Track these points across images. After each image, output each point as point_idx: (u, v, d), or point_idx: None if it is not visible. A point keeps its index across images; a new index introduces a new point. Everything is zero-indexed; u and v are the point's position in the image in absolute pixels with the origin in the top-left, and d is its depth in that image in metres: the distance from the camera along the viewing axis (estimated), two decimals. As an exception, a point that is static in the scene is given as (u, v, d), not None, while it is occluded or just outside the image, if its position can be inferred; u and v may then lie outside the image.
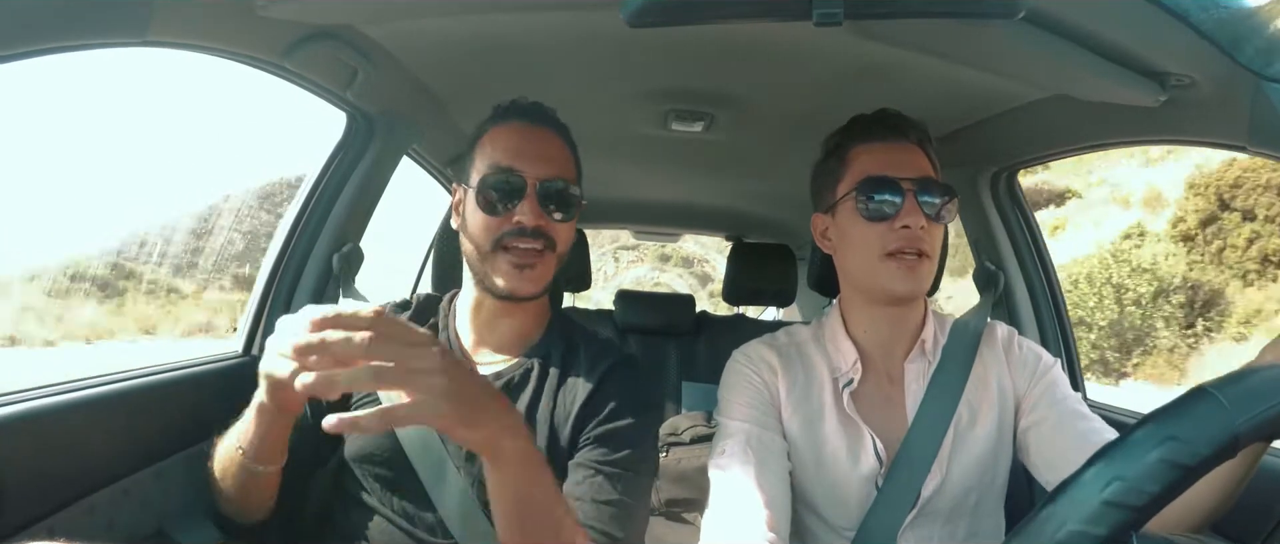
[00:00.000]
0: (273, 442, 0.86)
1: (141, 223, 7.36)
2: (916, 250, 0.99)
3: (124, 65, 1.80)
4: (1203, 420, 0.46)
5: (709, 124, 1.69)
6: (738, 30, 1.17)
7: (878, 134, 1.04)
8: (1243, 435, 0.45)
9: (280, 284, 1.46)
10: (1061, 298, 1.69)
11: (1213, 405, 0.47)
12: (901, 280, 0.99)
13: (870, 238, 1.01)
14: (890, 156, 1.02)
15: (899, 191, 0.99)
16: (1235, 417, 0.46)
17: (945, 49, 1.08)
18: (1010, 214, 1.68)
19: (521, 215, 0.99)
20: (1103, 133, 1.32)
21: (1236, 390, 0.47)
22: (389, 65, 1.33)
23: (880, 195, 1.00)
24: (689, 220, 3.52)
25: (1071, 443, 0.97)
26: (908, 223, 0.98)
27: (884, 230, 1.00)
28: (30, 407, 0.92)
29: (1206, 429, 0.46)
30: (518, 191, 1.00)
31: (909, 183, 0.99)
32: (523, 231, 0.99)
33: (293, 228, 1.48)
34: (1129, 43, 0.95)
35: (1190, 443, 0.45)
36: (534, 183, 1.00)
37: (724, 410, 1.06)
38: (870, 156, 1.03)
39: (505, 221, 1.00)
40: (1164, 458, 0.45)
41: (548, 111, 1.09)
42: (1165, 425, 0.47)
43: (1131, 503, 0.45)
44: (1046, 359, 1.08)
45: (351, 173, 1.50)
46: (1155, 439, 0.46)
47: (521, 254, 1.00)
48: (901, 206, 0.99)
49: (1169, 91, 1.01)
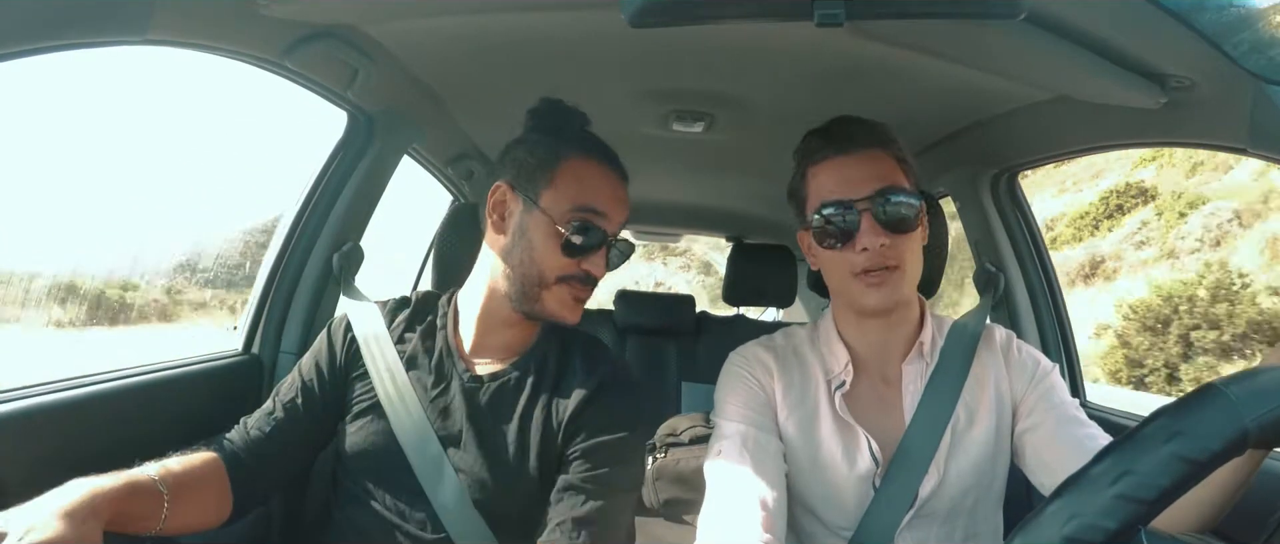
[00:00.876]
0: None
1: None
2: (882, 266, 0.98)
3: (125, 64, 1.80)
4: (1213, 417, 0.47)
5: (710, 124, 1.69)
6: (739, 31, 1.17)
7: (830, 149, 1.01)
8: (1252, 433, 0.46)
9: (281, 283, 1.46)
10: (1062, 300, 1.69)
11: (1223, 403, 0.47)
12: (872, 297, 0.99)
13: (838, 261, 1.00)
14: (843, 173, 0.99)
15: (853, 213, 0.97)
16: (1245, 414, 0.46)
17: (946, 50, 1.08)
18: (1011, 215, 1.68)
19: (592, 267, 1.02)
20: (1103, 134, 1.32)
21: (1246, 388, 0.47)
22: (390, 64, 1.33)
23: (836, 220, 0.98)
24: (689, 221, 3.52)
25: (1067, 448, 0.96)
26: (866, 245, 0.97)
27: (847, 253, 0.99)
28: (29, 404, 0.92)
29: (1216, 425, 0.46)
30: (598, 243, 1.02)
31: (864, 202, 0.97)
32: (590, 280, 1.02)
33: (293, 227, 1.48)
34: (1130, 44, 0.95)
35: (1201, 438, 0.46)
36: (611, 239, 1.03)
37: (720, 411, 1.06)
38: (824, 176, 1.01)
39: (575, 265, 1.01)
40: (1175, 452, 0.45)
41: (613, 155, 1.09)
42: (1176, 420, 0.47)
43: (1142, 497, 0.45)
44: (1045, 364, 1.08)
45: (352, 172, 1.50)
46: (1166, 434, 0.46)
47: (583, 292, 1.03)
48: (858, 228, 0.97)
49: (1170, 93, 1.01)
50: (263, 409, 1.07)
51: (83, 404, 0.99)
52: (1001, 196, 1.68)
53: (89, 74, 1.59)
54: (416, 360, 1.06)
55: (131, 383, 1.10)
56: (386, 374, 1.04)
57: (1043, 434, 1.01)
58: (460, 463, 0.99)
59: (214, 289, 8.02)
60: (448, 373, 1.05)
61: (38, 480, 0.75)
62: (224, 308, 7.78)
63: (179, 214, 10.08)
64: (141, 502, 0.82)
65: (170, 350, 1.27)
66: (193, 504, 0.90)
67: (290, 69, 1.18)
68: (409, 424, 1.01)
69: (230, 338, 1.48)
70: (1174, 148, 1.41)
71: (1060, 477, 1.01)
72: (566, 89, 1.48)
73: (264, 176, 8.22)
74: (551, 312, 1.02)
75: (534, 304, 1.02)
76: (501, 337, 1.07)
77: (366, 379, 1.05)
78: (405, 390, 1.03)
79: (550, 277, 1.01)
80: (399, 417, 1.01)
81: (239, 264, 6.87)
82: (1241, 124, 0.97)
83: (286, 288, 1.47)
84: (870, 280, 0.98)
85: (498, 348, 1.07)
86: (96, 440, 1.01)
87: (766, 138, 1.83)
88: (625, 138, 1.89)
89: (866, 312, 1.02)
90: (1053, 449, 0.99)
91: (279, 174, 6.35)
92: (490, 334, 1.07)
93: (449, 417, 1.02)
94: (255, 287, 1.49)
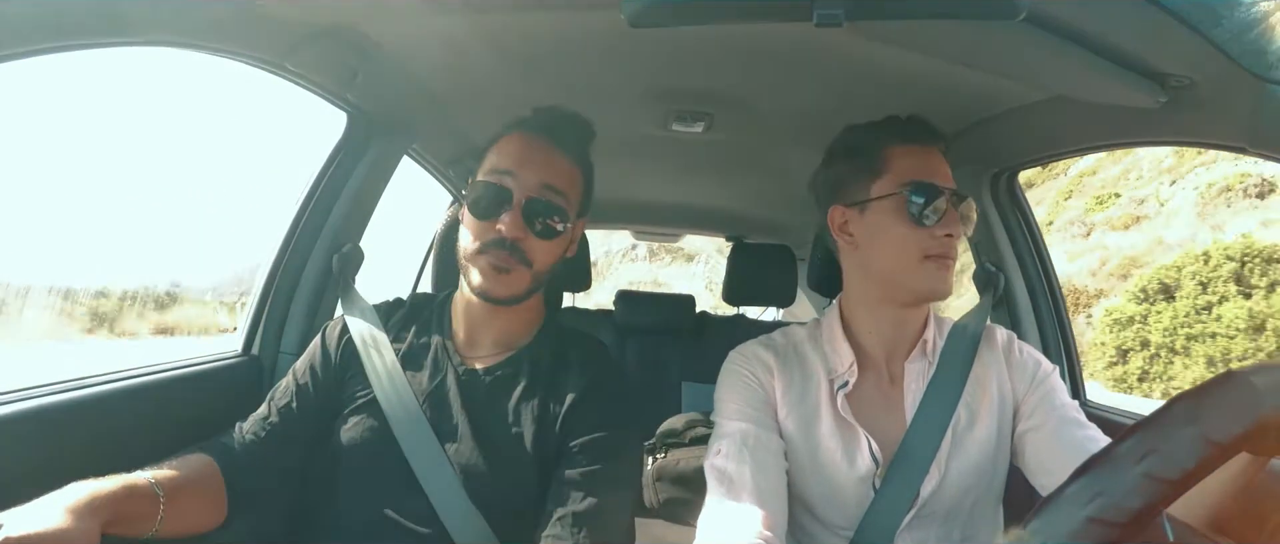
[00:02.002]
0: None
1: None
2: (952, 255, 1.01)
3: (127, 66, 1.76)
4: (1234, 402, 0.48)
5: (709, 124, 1.69)
6: (738, 31, 1.17)
7: (914, 136, 1.05)
8: (1272, 422, 0.46)
9: (281, 284, 1.46)
10: (1062, 300, 1.69)
11: (1246, 389, 0.48)
12: (938, 281, 1.01)
13: (911, 240, 1.01)
14: (929, 162, 1.03)
15: (944, 199, 1.01)
16: (1266, 402, 0.47)
17: (945, 50, 1.08)
18: (1010, 215, 1.68)
19: (502, 226, 0.99)
20: (1103, 134, 1.32)
21: (1270, 379, 0.48)
22: (390, 65, 1.33)
23: (929, 201, 1.01)
24: (689, 221, 3.52)
25: (1067, 449, 0.97)
26: (951, 230, 1.00)
27: (926, 235, 1.01)
28: (28, 406, 0.92)
29: (1236, 411, 0.47)
30: (504, 202, 1.00)
31: (951, 192, 1.01)
32: (501, 243, 1.00)
33: (292, 227, 1.48)
34: (1129, 43, 0.95)
35: (1219, 424, 0.46)
36: (521, 197, 1.00)
37: (721, 410, 1.06)
38: (912, 160, 1.03)
39: (489, 229, 1.00)
40: (1200, 434, 0.47)
41: (561, 124, 1.08)
42: (1197, 405, 0.48)
43: (1167, 476, 0.46)
44: (1045, 365, 1.08)
45: (351, 172, 1.50)
46: (1187, 416, 0.48)
47: (500, 258, 1.00)
48: (945, 214, 1.01)
49: (1169, 92, 1.01)
50: (257, 413, 1.08)
51: (82, 406, 0.99)
52: (1001, 196, 1.68)
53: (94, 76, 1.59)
54: (413, 358, 1.07)
55: (130, 384, 1.10)
56: (383, 372, 1.05)
57: (1043, 435, 1.01)
58: (455, 456, 1.00)
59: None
60: (443, 368, 1.06)
61: (37, 482, 0.75)
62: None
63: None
64: (138, 504, 0.83)
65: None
66: (188, 508, 0.90)
67: (290, 70, 1.18)
68: (404, 418, 1.01)
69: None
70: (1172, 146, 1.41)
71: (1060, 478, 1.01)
72: (566, 89, 1.49)
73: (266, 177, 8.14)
74: (476, 284, 1.01)
75: (469, 280, 1.02)
76: (490, 331, 1.07)
77: (362, 378, 1.05)
78: (401, 386, 1.03)
79: (470, 246, 1.01)
80: (395, 412, 1.01)
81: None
82: (1241, 123, 0.97)
83: (286, 289, 1.46)
84: (941, 264, 1.01)
85: (490, 343, 1.08)
86: (96, 442, 1.01)
87: (766, 138, 1.83)
88: (625, 138, 1.90)
89: (920, 297, 1.04)
90: (1053, 450, 0.99)
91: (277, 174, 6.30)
92: (478, 328, 1.08)
93: (444, 410, 1.03)
94: (254, 287, 1.49)
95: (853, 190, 1.06)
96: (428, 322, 1.11)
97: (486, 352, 1.07)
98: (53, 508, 0.73)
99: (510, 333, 1.08)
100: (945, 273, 1.01)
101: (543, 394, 1.03)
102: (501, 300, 1.03)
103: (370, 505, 1.01)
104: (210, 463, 0.98)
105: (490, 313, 1.06)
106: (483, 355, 1.07)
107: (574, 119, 1.09)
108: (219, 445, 1.03)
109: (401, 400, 1.02)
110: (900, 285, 1.03)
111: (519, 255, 1.01)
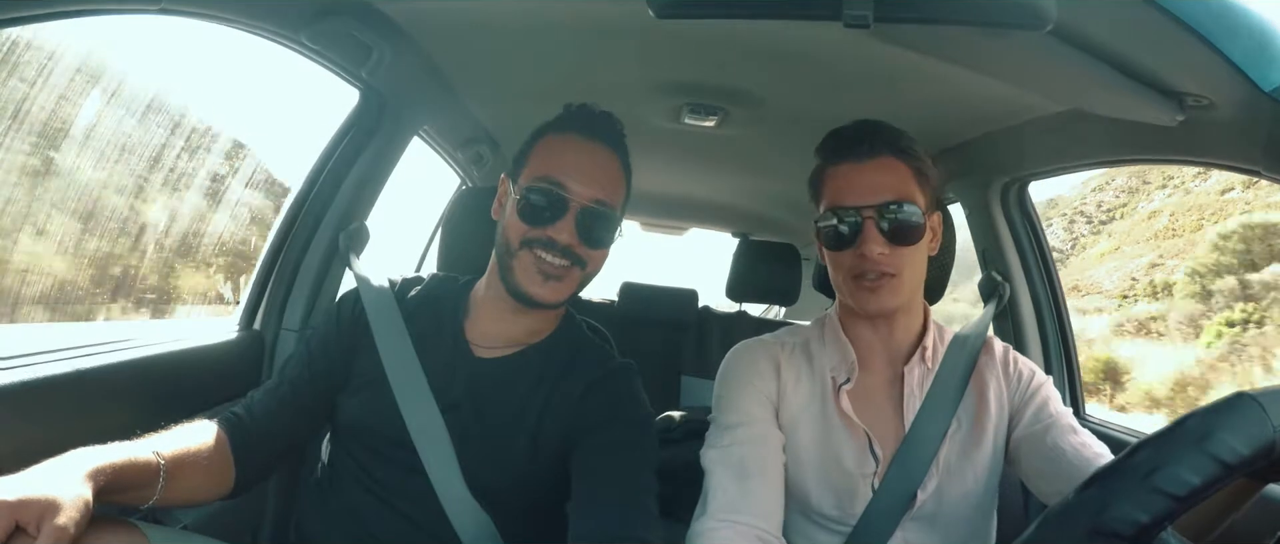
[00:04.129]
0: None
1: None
2: (879, 273, 0.99)
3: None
4: (1244, 423, 0.48)
5: (722, 120, 1.69)
6: (757, 28, 1.16)
7: (845, 153, 1.03)
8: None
9: (285, 260, 1.46)
10: (1066, 313, 1.69)
11: (1254, 412, 0.49)
12: (866, 301, 1.01)
13: (836, 263, 1.03)
14: (854, 179, 1.01)
15: (858, 219, 0.99)
16: (1273, 423, 0.48)
17: (966, 57, 1.08)
18: (1019, 225, 1.68)
19: (556, 233, 0.99)
20: (1117, 149, 1.31)
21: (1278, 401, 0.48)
22: (404, 45, 1.33)
23: (840, 224, 1.00)
24: (697, 215, 3.52)
25: (1062, 456, 0.98)
26: (864, 251, 0.99)
27: (847, 256, 1.01)
28: (29, 377, 0.91)
29: (1245, 432, 0.48)
30: (560, 209, 1.00)
31: (869, 209, 0.99)
32: (553, 246, 0.99)
33: (299, 203, 1.48)
34: (1150, 61, 0.95)
35: (1228, 444, 0.47)
36: (577, 206, 1.00)
37: (720, 405, 1.07)
38: (838, 179, 1.02)
39: (537, 231, 1.00)
40: (1208, 452, 0.47)
41: (611, 128, 1.07)
42: (1208, 422, 0.49)
43: (1174, 492, 0.46)
44: (1040, 374, 1.10)
45: (362, 151, 1.50)
46: (1197, 434, 0.48)
47: (550, 265, 1.00)
48: (860, 234, 0.99)
49: (1186, 112, 1.00)
50: (268, 383, 1.08)
51: (83, 378, 0.98)
52: (1011, 206, 1.67)
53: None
54: (425, 340, 1.06)
55: (133, 357, 1.10)
56: (393, 349, 1.04)
57: (1037, 442, 1.02)
58: (459, 442, 1.00)
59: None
60: (454, 354, 1.05)
61: (36, 453, 0.75)
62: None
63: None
64: (138, 473, 0.82)
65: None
66: (192, 478, 0.90)
67: (306, 44, 1.18)
68: (412, 397, 1.01)
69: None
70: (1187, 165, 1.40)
71: (1056, 484, 1.01)
72: (580, 76, 1.48)
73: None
74: (518, 281, 1.01)
75: (508, 277, 1.02)
76: (509, 326, 1.07)
77: (372, 353, 1.05)
78: (411, 365, 1.03)
79: (515, 243, 1.01)
80: (403, 390, 1.01)
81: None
82: (1257, 146, 0.97)
83: (291, 265, 1.46)
84: (866, 285, 1.00)
85: (507, 335, 1.07)
86: (95, 415, 1.00)
87: (778, 136, 1.83)
88: (636, 128, 1.87)
89: (861, 314, 1.05)
90: (1048, 457, 1.00)
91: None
92: (497, 322, 1.07)
93: (451, 395, 1.02)
94: (259, 262, 1.49)
95: (813, 212, 1.08)
96: (444, 305, 1.10)
97: (501, 344, 1.07)
98: (47, 473, 0.72)
99: (531, 330, 1.08)
100: (872, 293, 1.00)
101: (550, 390, 1.03)
102: (546, 304, 1.03)
103: (368, 488, 1.01)
104: (218, 433, 0.97)
105: (518, 311, 1.05)
106: (496, 346, 1.07)
107: (613, 120, 1.08)
108: (229, 416, 1.02)
109: (410, 380, 1.02)
110: (847, 303, 1.05)
111: (573, 258, 1.01)
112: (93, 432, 0.82)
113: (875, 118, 1.06)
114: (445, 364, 1.04)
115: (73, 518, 0.68)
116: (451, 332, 1.07)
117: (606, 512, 0.91)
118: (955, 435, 1.03)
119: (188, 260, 2.14)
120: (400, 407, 1.00)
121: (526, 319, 1.07)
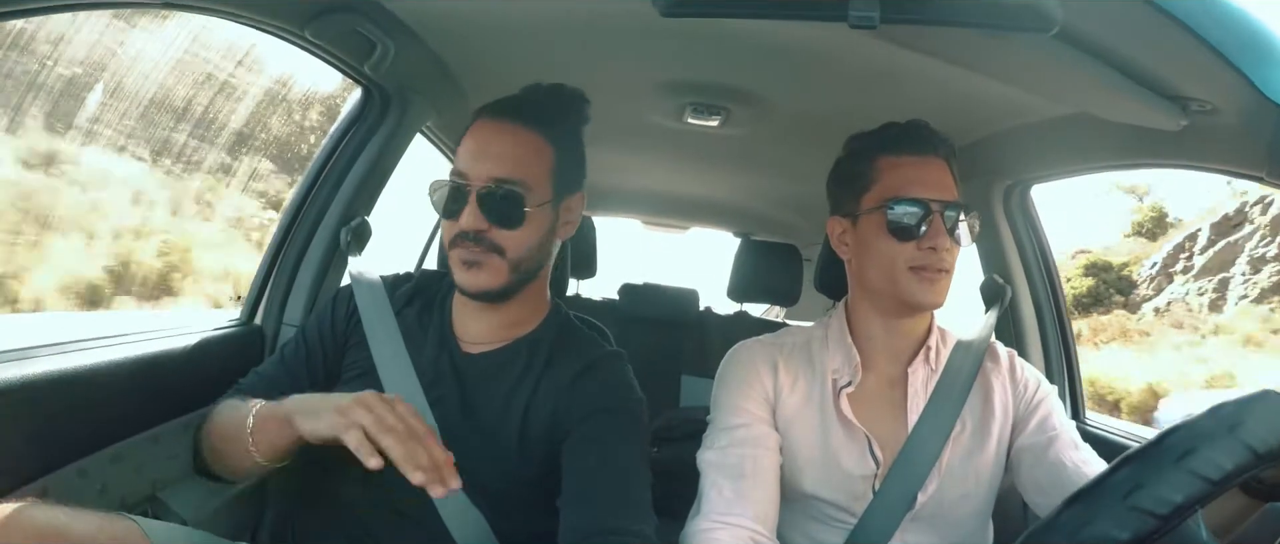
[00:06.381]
0: (287, 451, 0.90)
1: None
2: (938, 267, 1.00)
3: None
4: (1272, 416, 0.49)
5: (725, 119, 1.69)
6: (762, 28, 1.16)
7: (907, 147, 1.03)
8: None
9: (286, 255, 1.46)
10: (1067, 319, 1.68)
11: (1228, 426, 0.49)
12: (924, 293, 1.01)
13: (895, 253, 1.01)
14: (918, 173, 1.01)
15: (928, 212, 0.99)
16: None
17: (971, 59, 1.08)
18: (1022, 229, 1.67)
19: (464, 222, 0.98)
20: (1120, 153, 1.31)
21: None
22: (408, 41, 1.33)
23: (909, 216, 1.00)
24: (698, 214, 3.52)
25: (1062, 471, 0.97)
26: (934, 244, 0.99)
27: (910, 248, 1.00)
28: (28, 371, 0.91)
29: (1275, 424, 0.48)
30: (462, 198, 0.99)
31: (936, 203, 1.00)
32: (465, 236, 0.98)
33: (302, 199, 1.48)
34: (1155, 65, 0.95)
35: (1259, 433, 0.48)
36: (475, 189, 0.98)
37: (718, 405, 1.06)
38: (899, 172, 1.02)
39: (454, 225, 1.00)
40: (1241, 441, 0.48)
41: (529, 104, 1.03)
42: (1235, 415, 0.50)
43: (1207, 475, 0.48)
44: (1045, 385, 1.09)
45: (364, 147, 1.50)
46: (1230, 422, 0.49)
47: (468, 253, 0.99)
48: (929, 227, 0.99)
49: (1191, 117, 1.00)
50: (260, 368, 1.09)
51: (83, 371, 0.98)
52: (1013, 209, 1.67)
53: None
54: (413, 335, 1.07)
55: (133, 350, 1.10)
56: (384, 344, 1.05)
57: (1039, 454, 1.02)
58: (447, 437, 1.00)
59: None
60: (441, 348, 1.06)
61: (36, 448, 0.74)
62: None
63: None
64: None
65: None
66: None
67: (309, 40, 1.18)
68: (401, 391, 1.00)
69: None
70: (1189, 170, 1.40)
71: (1054, 497, 1.01)
72: (583, 74, 1.47)
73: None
74: (455, 277, 1.01)
75: (453, 275, 1.02)
76: (484, 322, 1.07)
77: (363, 348, 1.06)
78: (401, 359, 1.04)
79: (447, 243, 1.01)
80: (392, 384, 1.01)
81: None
82: (1261, 152, 0.97)
83: (293, 259, 1.46)
84: (927, 276, 1.00)
85: (489, 332, 1.07)
86: (94, 408, 1.00)
87: (781, 137, 1.82)
88: (639, 127, 1.89)
89: (909, 307, 1.04)
90: (1048, 470, 0.99)
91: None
92: (473, 319, 1.08)
93: (439, 388, 1.03)
94: (262, 257, 1.50)
95: (847, 202, 1.07)
96: (432, 301, 1.11)
97: (485, 339, 1.07)
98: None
99: (510, 323, 1.07)
100: (931, 285, 1.00)
101: (536, 383, 1.03)
102: (480, 294, 1.01)
103: (358, 483, 1.00)
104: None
105: (481, 307, 1.05)
106: (481, 342, 1.07)
107: (548, 92, 1.05)
108: (232, 394, 1.03)
109: (400, 373, 1.03)
110: (891, 296, 1.04)
111: (486, 244, 0.98)
112: (92, 426, 0.82)
113: (880, 118, 1.07)
114: (433, 359, 1.05)
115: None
116: (439, 327, 1.08)
117: (598, 504, 0.91)
118: (959, 438, 1.03)
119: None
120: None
121: (495, 313, 1.06)
